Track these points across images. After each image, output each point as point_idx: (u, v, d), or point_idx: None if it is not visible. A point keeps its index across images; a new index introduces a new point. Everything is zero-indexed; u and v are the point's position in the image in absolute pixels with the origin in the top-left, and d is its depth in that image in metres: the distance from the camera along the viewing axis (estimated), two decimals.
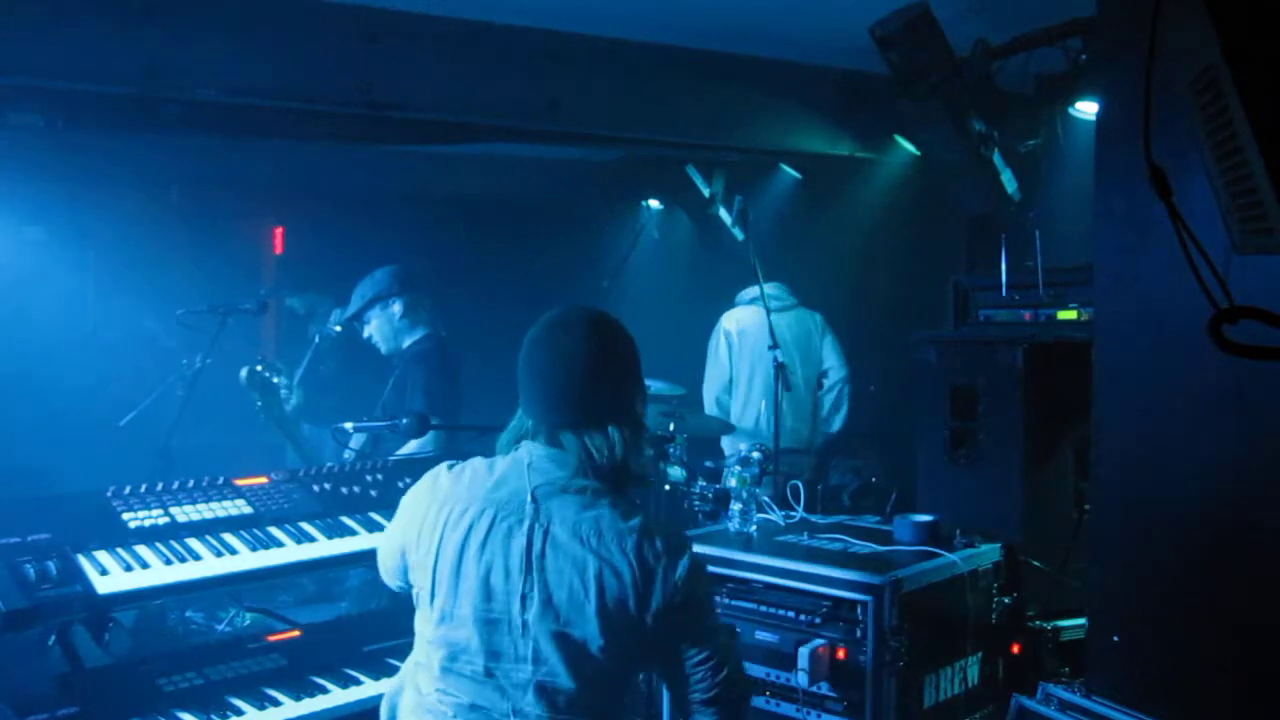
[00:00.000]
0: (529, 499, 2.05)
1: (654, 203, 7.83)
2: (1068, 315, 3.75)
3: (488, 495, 2.08)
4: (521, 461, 2.10)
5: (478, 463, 2.17)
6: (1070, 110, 4.86)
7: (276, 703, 2.69)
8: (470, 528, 2.05)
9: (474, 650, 2.03)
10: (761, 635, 3.16)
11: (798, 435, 5.57)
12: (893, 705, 2.92)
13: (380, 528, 3.16)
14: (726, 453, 5.88)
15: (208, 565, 2.78)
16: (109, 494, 2.94)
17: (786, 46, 5.38)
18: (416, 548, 2.11)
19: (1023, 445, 3.50)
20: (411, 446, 4.04)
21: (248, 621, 3.59)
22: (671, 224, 7.90)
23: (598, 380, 2.11)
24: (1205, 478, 2.55)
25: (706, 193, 7.08)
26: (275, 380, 4.22)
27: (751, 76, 5.57)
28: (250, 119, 4.86)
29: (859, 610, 2.97)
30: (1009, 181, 5.17)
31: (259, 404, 4.23)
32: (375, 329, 4.50)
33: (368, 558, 3.21)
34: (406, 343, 4.49)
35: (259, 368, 4.19)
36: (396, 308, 4.45)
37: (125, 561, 2.68)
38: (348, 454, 3.98)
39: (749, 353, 5.61)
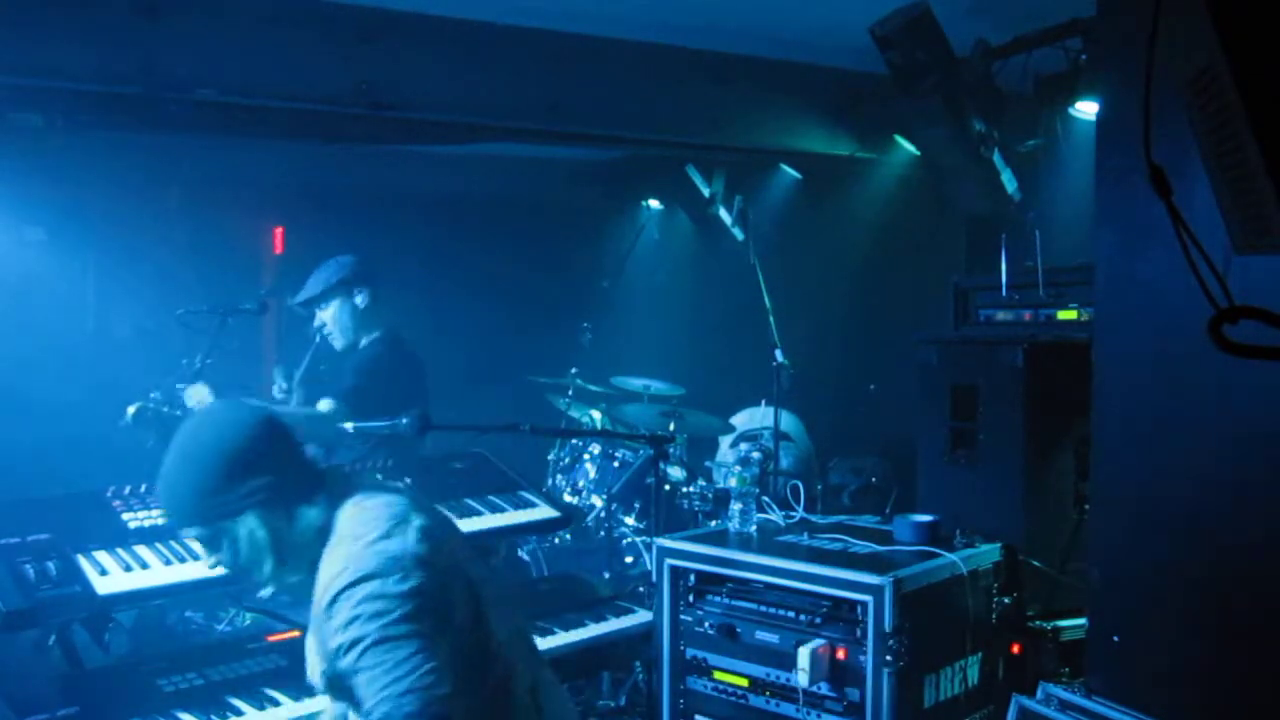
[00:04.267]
0: None
1: (654, 203, 7.83)
2: (1068, 315, 3.74)
3: None
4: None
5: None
6: (1070, 110, 4.86)
7: (276, 703, 2.69)
8: None
9: None
10: (761, 635, 3.16)
11: None
12: (893, 705, 2.92)
13: None
14: (718, 456, 5.90)
15: (208, 565, 2.78)
16: (109, 494, 2.94)
17: (786, 46, 5.38)
18: None
19: (1023, 445, 3.50)
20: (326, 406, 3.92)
21: (248, 621, 3.59)
22: (671, 224, 7.90)
23: None
24: (1205, 478, 2.55)
25: (706, 193, 7.08)
26: (177, 412, 3.62)
27: (751, 76, 5.57)
28: (250, 119, 4.86)
29: (859, 610, 2.97)
30: (1009, 181, 5.17)
31: (150, 445, 3.57)
32: (332, 318, 4.25)
33: None
34: (363, 340, 4.28)
35: (152, 402, 3.58)
36: (360, 299, 4.23)
37: (125, 561, 2.68)
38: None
39: None
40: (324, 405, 3.96)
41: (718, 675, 3.26)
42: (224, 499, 2.02)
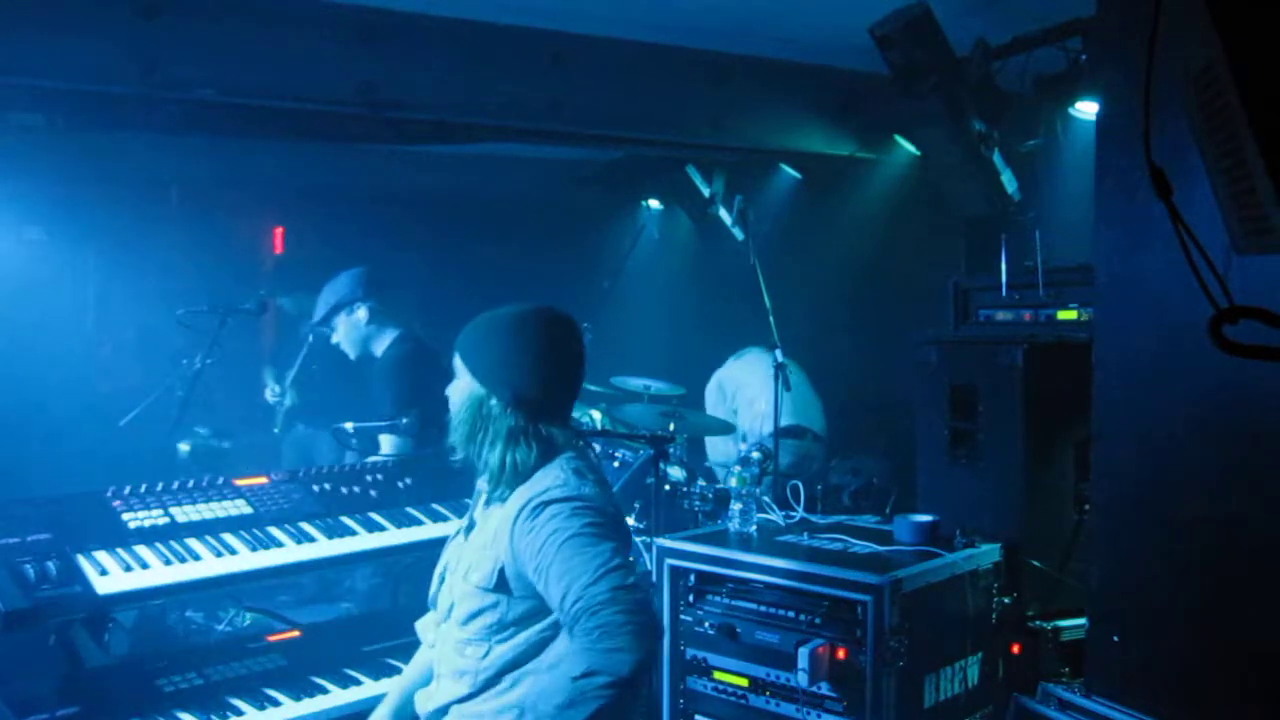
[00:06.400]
0: None
1: (654, 203, 7.83)
2: (1068, 315, 3.74)
3: None
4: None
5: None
6: (1070, 110, 4.86)
7: (276, 703, 2.69)
8: None
9: None
10: (761, 635, 3.16)
11: None
12: (893, 705, 2.92)
13: (380, 528, 3.16)
14: (710, 456, 5.90)
15: (208, 565, 2.78)
16: (109, 494, 2.94)
17: (786, 46, 5.38)
18: None
19: (1023, 445, 3.50)
20: (387, 447, 3.98)
21: (248, 621, 3.60)
22: (671, 224, 7.90)
23: None
24: (1205, 478, 2.55)
25: (706, 193, 7.08)
26: (225, 445, 3.84)
27: (751, 76, 5.57)
28: (250, 119, 4.86)
29: (859, 610, 2.97)
30: (1009, 181, 5.17)
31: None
32: (342, 335, 4.36)
33: (367, 558, 3.21)
34: (378, 348, 4.34)
35: (200, 439, 3.75)
36: (361, 313, 4.30)
37: (125, 562, 2.68)
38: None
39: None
40: (386, 447, 4.00)
41: (718, 675, 3.26)
42: (520, 377, 2.21)
